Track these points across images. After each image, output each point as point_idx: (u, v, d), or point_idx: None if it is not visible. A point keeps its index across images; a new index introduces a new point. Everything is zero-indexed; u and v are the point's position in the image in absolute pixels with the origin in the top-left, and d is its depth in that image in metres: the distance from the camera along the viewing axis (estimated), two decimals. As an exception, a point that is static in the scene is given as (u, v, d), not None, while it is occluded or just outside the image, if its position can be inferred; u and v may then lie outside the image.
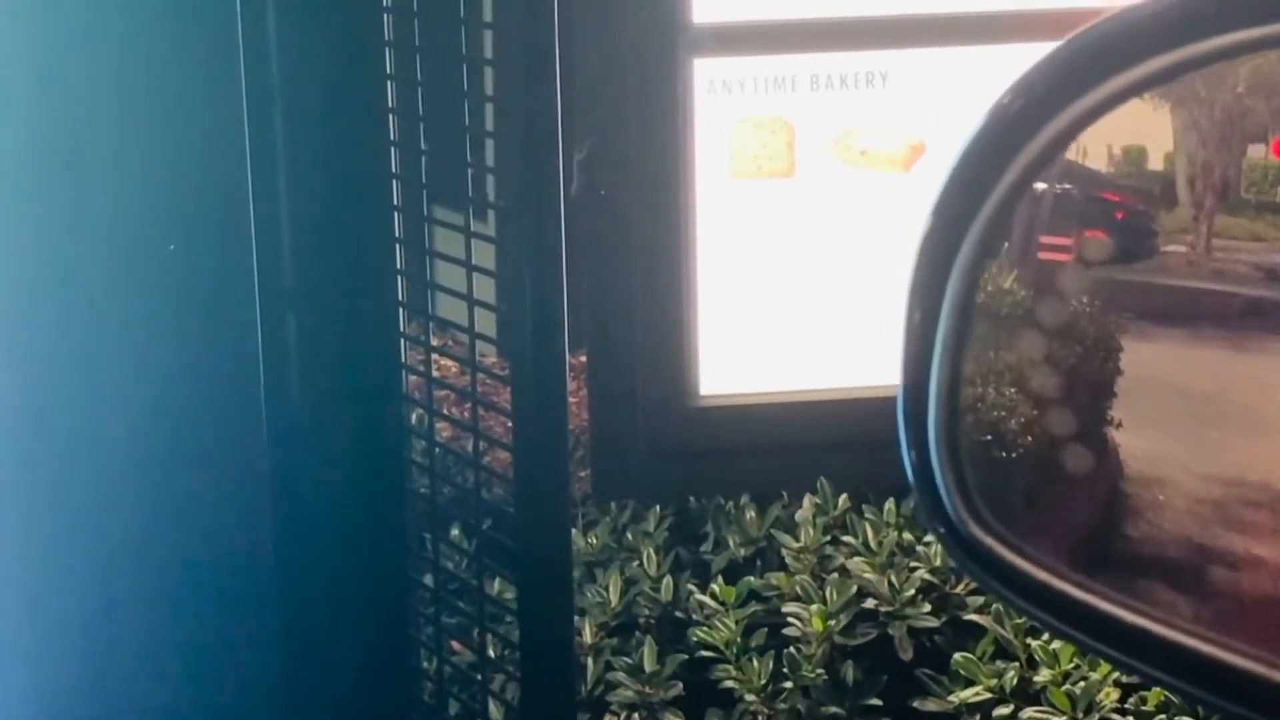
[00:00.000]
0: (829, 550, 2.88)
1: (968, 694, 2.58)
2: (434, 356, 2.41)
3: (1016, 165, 0.90)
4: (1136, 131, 0.94)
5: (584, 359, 3.28)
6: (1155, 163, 0.96)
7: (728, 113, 3.09)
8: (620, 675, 2.67)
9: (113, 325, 1.98)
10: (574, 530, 2.90)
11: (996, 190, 0.90)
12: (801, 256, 3.16)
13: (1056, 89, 0.88)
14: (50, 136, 1.94)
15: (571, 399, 2.71)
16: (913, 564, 2.81)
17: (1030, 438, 0.99)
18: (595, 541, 2.99)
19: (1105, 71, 0.87)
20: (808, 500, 3.02)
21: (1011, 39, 3.07)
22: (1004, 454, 0.96)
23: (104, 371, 2.01)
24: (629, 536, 3.01)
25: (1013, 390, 0.98)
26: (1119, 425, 0.97)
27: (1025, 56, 3.10)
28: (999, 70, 3.05)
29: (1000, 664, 2.61)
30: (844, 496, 3.01)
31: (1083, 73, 0.87)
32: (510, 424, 2.25)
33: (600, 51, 3.00)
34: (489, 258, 2.34)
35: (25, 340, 1.98)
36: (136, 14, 1.95)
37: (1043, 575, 0.90)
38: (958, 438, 0.92)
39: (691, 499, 3.10)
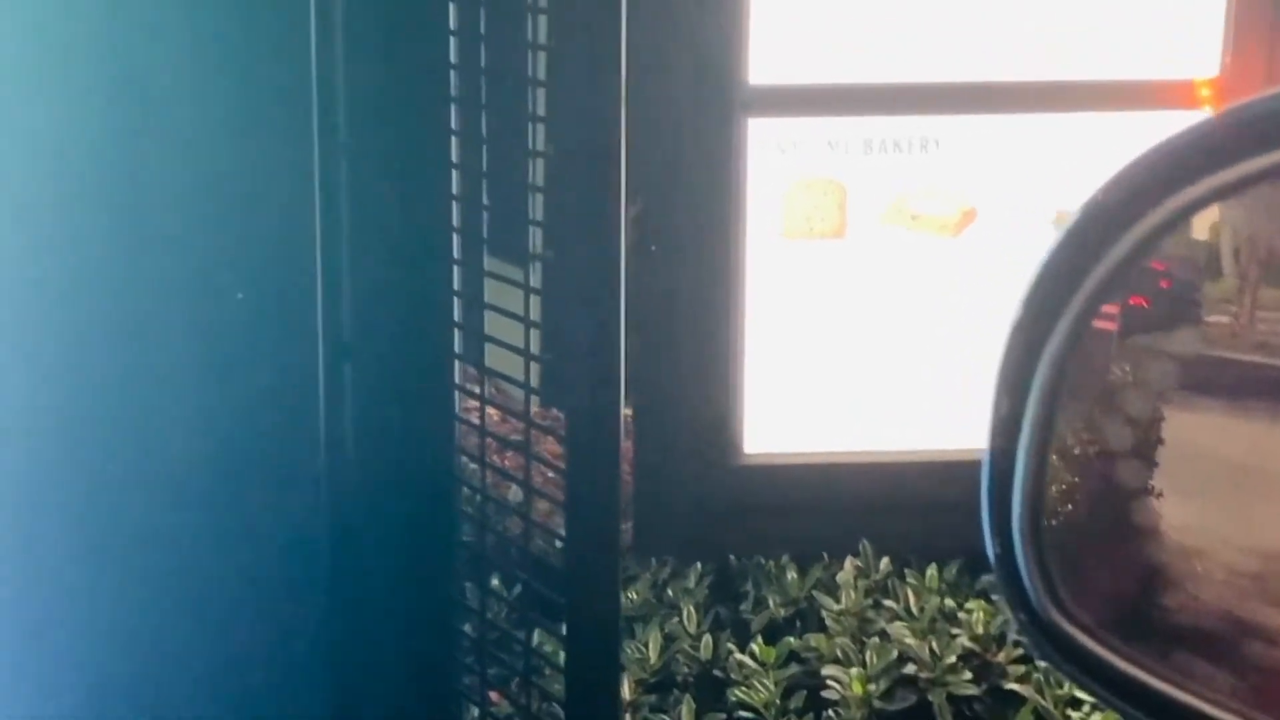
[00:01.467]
0: (870, 613, 2.88)
1: (1007, 764, 2.57)
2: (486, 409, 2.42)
3: (1108, 260, 0.91)
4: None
5: (629, 413, 3.29)
6: (1201, 232, 0.96)
7: (781, 173, 3.11)
8: (659, 732, 2.67)
9: (179, 368, 2.00)
10: (615, 584, 2.91)
11: (1087, 283, 0.91)
12: (849, 318, 3.17)
13: (1150, 187, 0.89)
14: (124, 189, 1.97)
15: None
16: (954, 630, 2.81)
17: (1103, 521, 1.00)
18: (635, 597, 2.99)
19: (1201, 171, 0.88)
20: (849, 562, 3.02)
21: (1065, 108, 3.09)
22: (1084, 540, 0.96)
23: (167, 412, 2.03)
24: (669, 593, 3.01)
25: (1088, 473, 0.99)
26: (1159, 494, 0.97)
27: (1079, 126, 3.11)
28: (1052, 139, 3.08)
29: (1040, 734, 2.61)
30: (886, 560, 3.01)
31: (1178, 171, 0.88)
32: (561, 477, 2.27)
33: (656, 109, 3.02)
34: (537, 309, 2.36)
35: (91, 378, 2.00)
36: (209, 70, 1.98)
37: (1127, 666, 0.90)
38: (1041, 527, 0.93)
39: (732, 557, 3.10)
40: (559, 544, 2.41)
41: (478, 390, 2.41)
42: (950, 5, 3.06)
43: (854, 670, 2.70)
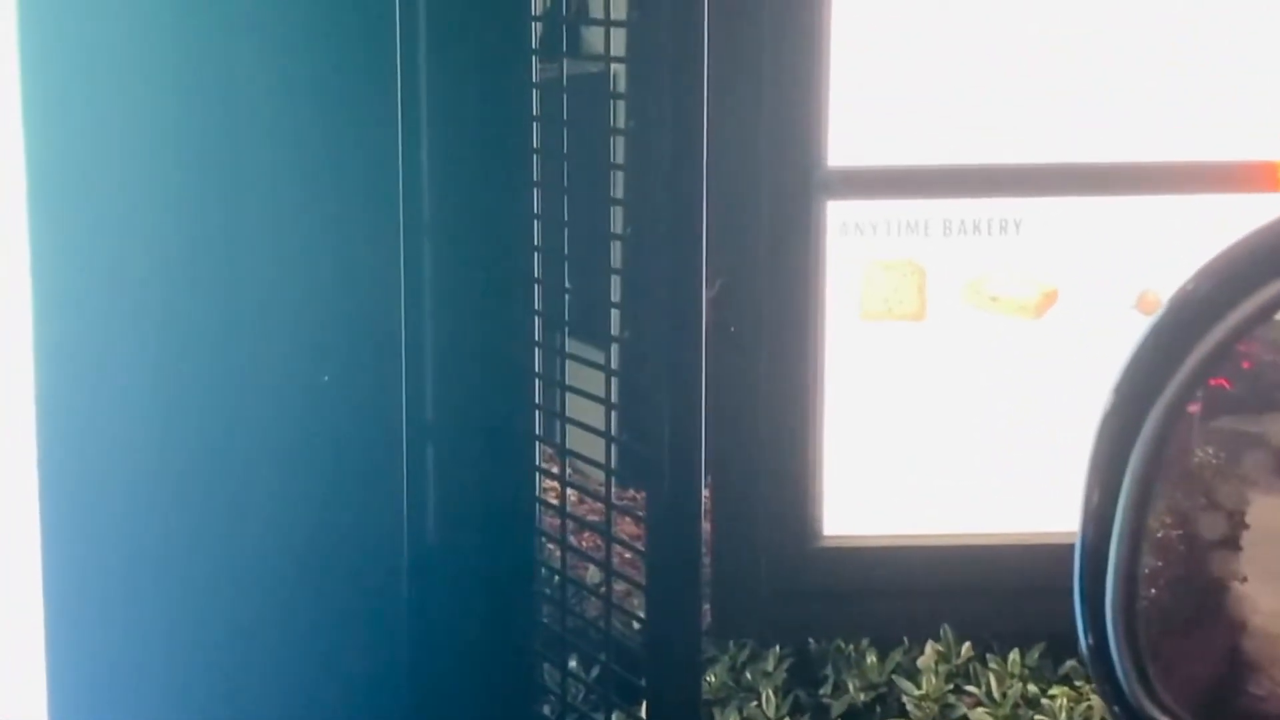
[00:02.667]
0: (951, 699, 2.85)
1: None
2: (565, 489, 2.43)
3: (1200, 349, 0.91)
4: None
5: (708, 494, 3.28)
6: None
7: (859, 254, 3.11)
8: (738, 818, 2.64)
9: (266, 448, 2.03)
10: (694, 667, 2.89)
11: (1179, 372, 0.90)
12: (928, 399, 3.15)
13: (1243, 277, 0.89)
14: (218, 275, 2.01)
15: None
16: (1037, 716, 2.77)
17: (1195, 609, 0.99)
18: (714, 679, 2.97)
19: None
20: (930, 646, 2.99)
21: (1147, 190, 3.08)
22: (1177, 629, 0.96)
23: (253, 492, 2.05)
24: (747, 676, 2.99)
25: (1176, 560, 0.98)
26: (1246, 580, 0.96)
27: (1161, 208, 3.10)
28: (1134, 221, 3.07)
29: (1127, 825, 2.56)
30: (967, 644, 2.98)
31: (1270, 262, 0.88)
32: (640, 558, 2.27)
33: (735, 190, 3.03)
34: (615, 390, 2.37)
35: (185, 455, 2.03)
36: (300, 160, 2.03)
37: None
38: (1135, 617, 0.92)
39: (811, 640, 3.08)
40: (636, 625, 2.41)
41: (557, 471, 2.42)
42: (1028, 87, 3.06)
43: (935, 757, 2.67)
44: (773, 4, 3.01)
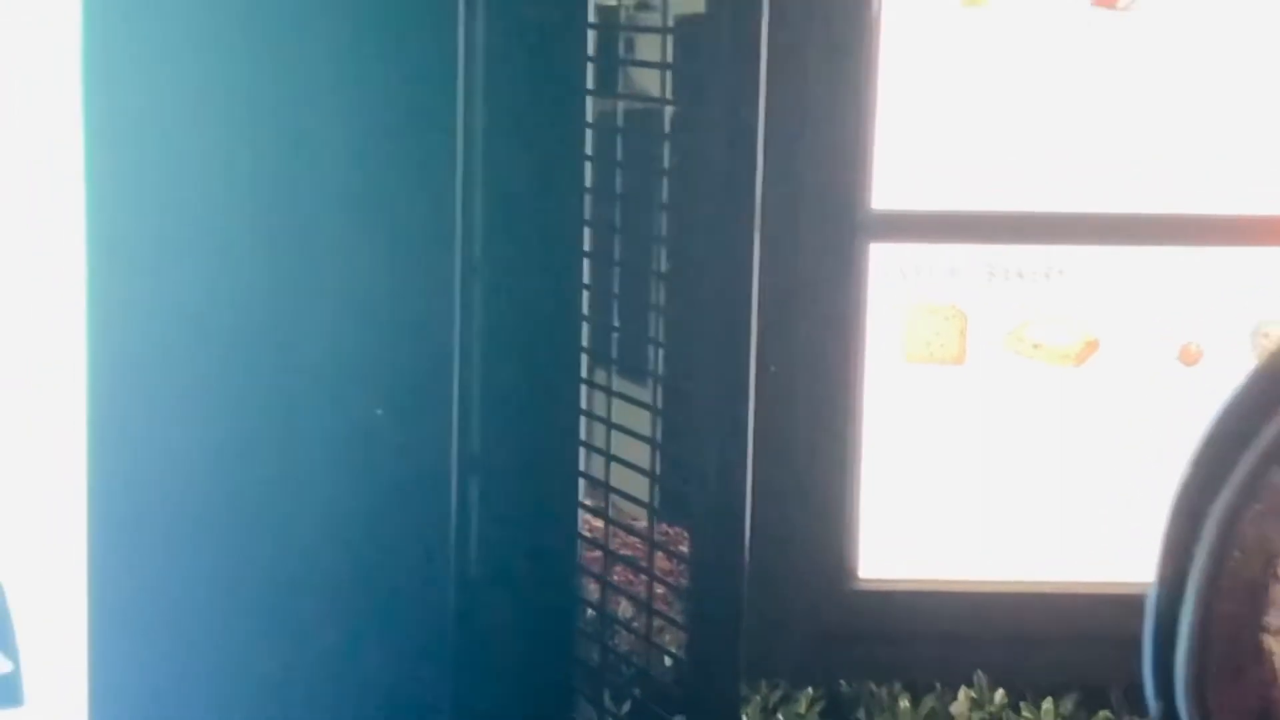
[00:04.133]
0: (984, 745, 2.85)
1: None
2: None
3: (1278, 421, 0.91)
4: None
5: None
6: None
7: (902, 298, 3.12)
8: None
9: (316, 480, 2.05)
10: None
11: (1258, 443, 0.91)
12: (968, 444, 3.15)
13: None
14: (274, 307, 2.04)
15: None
16: (1070, 767, 2.76)
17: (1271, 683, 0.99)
18: None
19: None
20: (963, 692, 2.98)
21: (1192, 241, 3.08)
22: (1252, 704, 0.96)
23: (302, 522, 2.07)
24: (780, 717, 2.98)
25: (1253, 639, 0.98)
26: None
27: (1205, 259, 3.09)
28: (1177, 271, 3.07)
29: None
30: (1000, 691, 2.98)
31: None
32: (677, 596, 2.27)
33: (779, 232, 3.04)
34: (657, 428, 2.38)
35: (238, 486, 2.05)
36: (356, 199, 2.05)
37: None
38: (1207, 689, 0.92)
39: (844, 682, 3.08)
40: (669, 662, 2.42)
41: (593, 506, 2.43)
42: (1074, 134, 3.07)
43: (968, 804, 2.66)
44: (819, 47, 3.02)
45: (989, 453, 3.15)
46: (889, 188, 3.08)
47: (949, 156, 3.08)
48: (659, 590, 2.45)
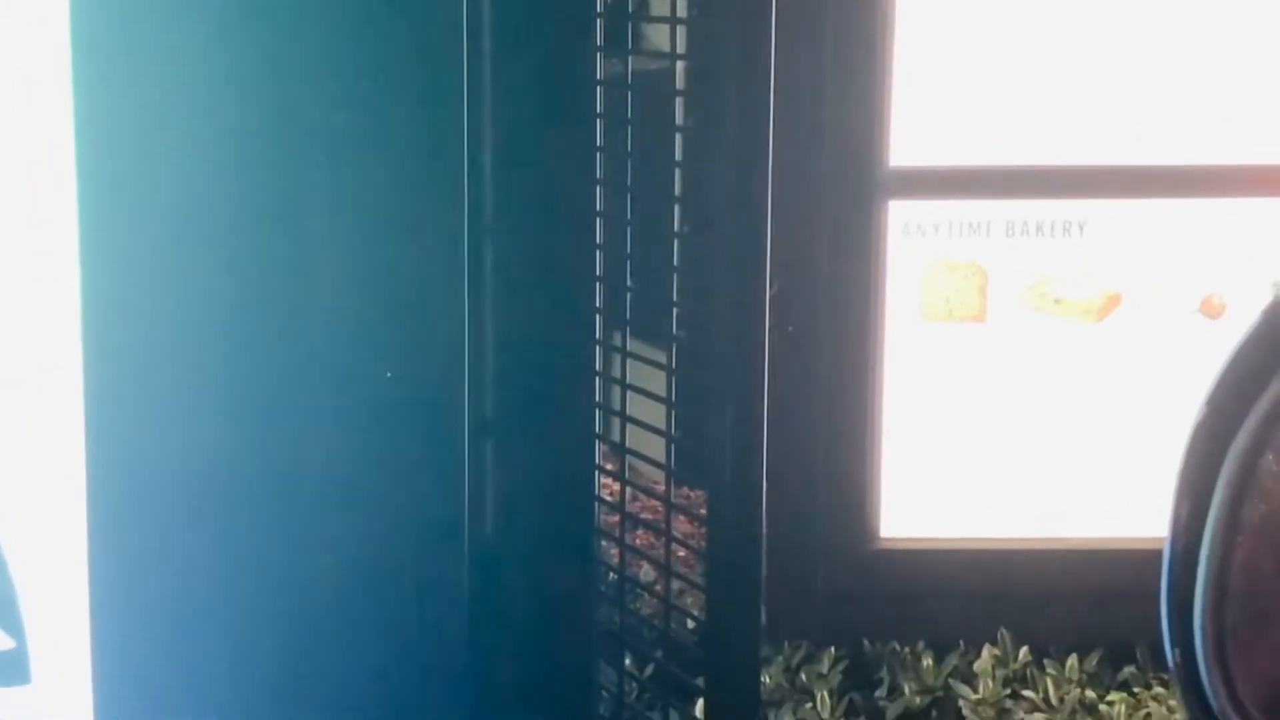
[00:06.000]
0: (1008, 704, 2.83)
1: None
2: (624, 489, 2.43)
3: (1296, 359, 0.89)
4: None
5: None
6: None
7: (921, 255, 3.09)
8: (793, 820, 2.63)
9: (328, 445, 2.03)
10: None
11: (1275, 382, 0.88)
12: (988, 402, 3.13)
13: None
14: (284, 274, 2.02)
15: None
16: (1096, 723, 2.75)
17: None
18: (769, 681, 2.96)
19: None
20: (987, 651, 2.97)
21: (1212, 193, 3.04)
22: (1273, 649, 0.94)
23: (314, 489, 2.06)
24: (802, 677, 2.98)
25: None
26: None
27: (1226, 211, 3.06)
28: (1198, 223, 3.04)
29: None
30: (1025, 649, 2.96)
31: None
32: (698, 558, 2.26)
33: (797, 190, 3.02)
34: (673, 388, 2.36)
35: (248, 451, 2.04)
36: (365, 163, 2.03)
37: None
38: (1225, 632, 0.90)
39: (867, 642, 3.06)
40: (691, 625, 2.41)
41: (615, 469, 2.42)
42: (1093, 87, 3.03)
43: (993, 762, 2.65)
44: (836, 4, 2.99)
45: (1010, 410, 3.13)
46: (906, 144, 3.05)
47: (967, 112, 3.05)
48: (681, 553, 2.44)
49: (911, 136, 3.04)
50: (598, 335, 2.32)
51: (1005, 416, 3.13)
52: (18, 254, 2.01)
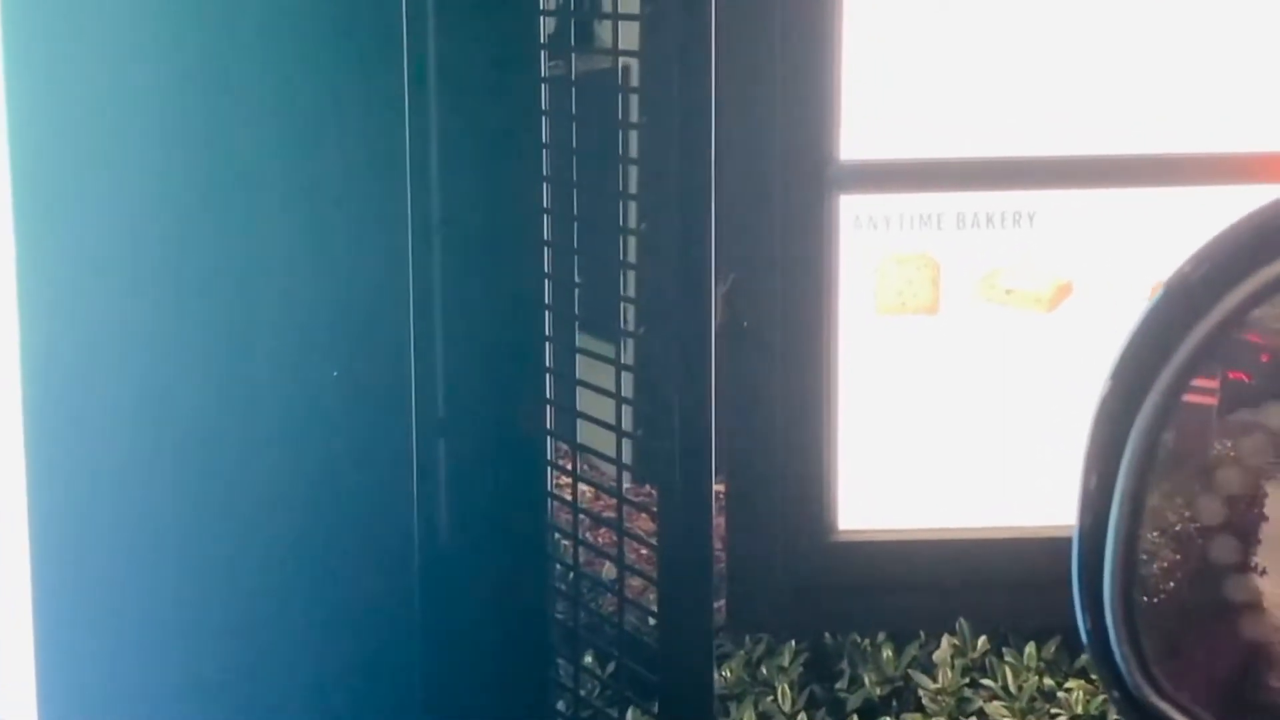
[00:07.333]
0: (968, 693, 2.85)
1: None
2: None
3: (1196, 333, 0.90)
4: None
5: (721, 489, 3.28)
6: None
7: (872, 248, 3.10)
8: (753, 813, 2.64)
9: (274, 445, 2.03)
10: (709, 662, 2.89)
11: (1175, 357, 0.90)
12: (943, 393, 3.14)
13: (1238, 260, 0.89)
14: (226, 271, 2.01)
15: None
16: (1053, 710, 2.77)
17: (1202, 598, 0.98)
18: (729, 675, 2.97)
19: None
20: (946, 640, 2.98)
21: (1162, 182, 3.06)
22: (1181, 618, 0.95)
23: (261, 488, 2.05)
24: (763, 670, 2.98)
25: (1185, 551, 0.97)
26: (1262, 572, 0.96)
27: (1176, 200, 3.08)
28: (1149, 213, 3.06)
29: (1144, 818, 2.55)
30: (983, 638, 2.98)
31: (1265, 245, 0.88)
32: (654, 554, 2.27)
33: (746, 185, 3.03)
34: (629, 386, 2.37)
35: (192, 451, 2.04)
36: (306, 155, 2.02)
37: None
38: (1134, 603, 0.91)
39: (827, 635, 3.08)
40: (651, 621, 2.41)
41: (570, 467, 2.42)
42: (1041, 78, 3.05)
43: (951, 750, 2.66)
44: (783, -1, 3.00)
45: (965, 401, 3.14)
46: (857, 138, 3.06)
47: (916, 105, 3.06)
48: (642, 551, 2.45)
49: (861, 130, 3.05)
50: (548, 332, 2.33)
51: (961, 407, 3.14)
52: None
